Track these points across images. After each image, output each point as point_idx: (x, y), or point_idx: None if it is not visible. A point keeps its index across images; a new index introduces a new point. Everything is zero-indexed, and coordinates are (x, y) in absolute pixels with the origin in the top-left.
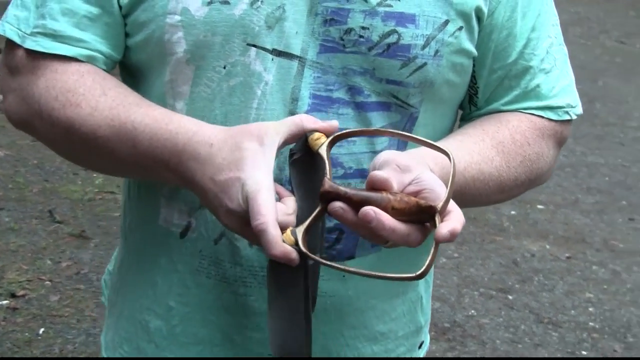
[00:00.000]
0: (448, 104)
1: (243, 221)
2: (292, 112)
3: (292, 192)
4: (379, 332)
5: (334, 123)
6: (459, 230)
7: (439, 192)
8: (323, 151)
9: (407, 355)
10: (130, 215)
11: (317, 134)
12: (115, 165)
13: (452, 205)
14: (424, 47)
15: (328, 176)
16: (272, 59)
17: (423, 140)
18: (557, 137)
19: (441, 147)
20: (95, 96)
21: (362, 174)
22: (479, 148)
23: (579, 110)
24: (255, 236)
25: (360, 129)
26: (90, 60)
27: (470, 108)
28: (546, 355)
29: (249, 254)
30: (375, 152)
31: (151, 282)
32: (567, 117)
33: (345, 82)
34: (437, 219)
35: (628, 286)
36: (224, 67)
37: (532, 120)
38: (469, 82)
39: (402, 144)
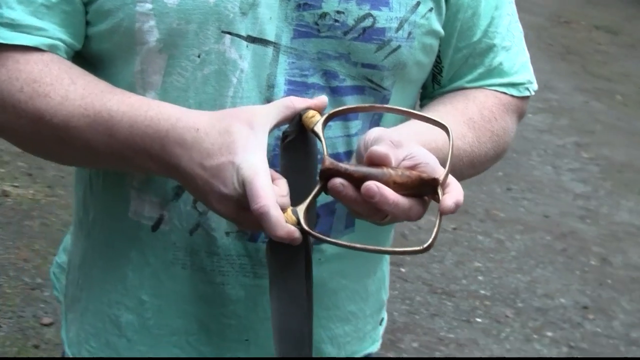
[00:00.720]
0: (415, 84)
1: (238, 206)
2: (268, 100)
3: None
4: (350, 312)
5: (323, 98)
6: (462, 201)
7: (434, 165)
8: (319, 129)
9: (372, 333)
10: (94, 209)
11: (311, 112)
12: (87, 156)
13: (450, 177)
14: (397, 29)
15: (325, 153)
16: (247, 46)
17: (420, 115)
18: (519, 112)
19: (435, 118)
20: (64, 85)
21: (336, 158)
22: (452, 125)
23: (536, 86)
24: (256, 219)
25: (355, 105)
26: (52, 49)
27: (433, 87)
28: (442, 324)
29: (226, 243)
30: (349, 136)
31: (121, 277)
32: (527, 93)
33: (320, 67)
34: (439, 191)
35: (512, 254)
36: (199, 56)
37: (497, 96)
38: (434, 61)
39: (374, 125)
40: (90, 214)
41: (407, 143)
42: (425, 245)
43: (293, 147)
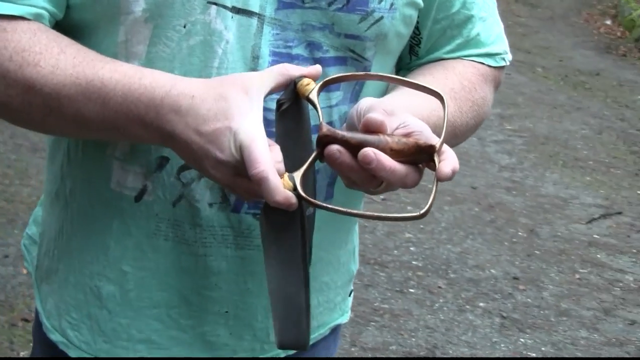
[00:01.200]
0: (394, 55)
1: (235, 172)
2: (253, 71)
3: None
4: (324, 282)
5: (318, 67)
6: (458, 167)
7: (427, 134)
8: (314, 96)
9: (342, 304)
10: (72, 180)
11: (306, 80)
12: (77, 126)
13: (444, 145)
14: (380, 1)
15: (322, 120)
16: (232, 17)
17: (413, 83)
18: (496, 82)
19: (429, 86)
20: (53, 54)
21: (316, 129)
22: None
23: (510, 56)
24: (251, 186)
25: (349, 73)
26: (37, 18)
27: (410, 58)
28: (377, 295)
29: (209, 215)
30: (330, 107)
31: (103, 248)
32: (503, 63)
33: (304, 38)
34: (436, 158)
35: (443, 225)
36: (184, 26)
37: (476, 66)
38: (412, 33)
39: (355, 98)
40: (67, 185)
41: (400, 112)
42: (422, 211)
43: (287, 115)
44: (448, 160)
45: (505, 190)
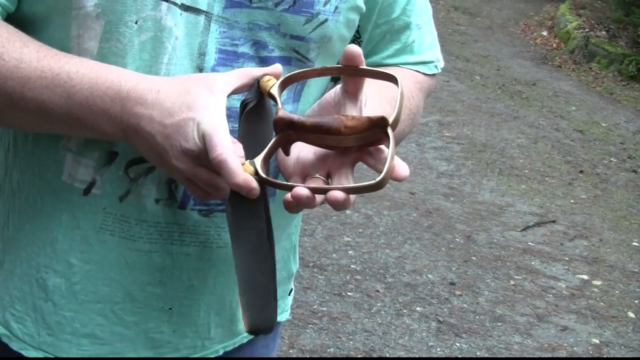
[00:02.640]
0: (336, 57)
1: (197, 161)
2: (199, 67)
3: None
4: None
5: (278, 66)
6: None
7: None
8: (275, 90)
9: (280, 302)
10: (20, 172)
11: (267, 77)
12: (39, 119)
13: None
14: (325, 3)
15: (279, 107)
16: (181, 14)
17: (370, 70)
18: (428, 90)
19: (385, 71)
20: (16, 48)
21: None
22: (377, 105)
23: (443, 63)
24: (211, 176)
25: (308, 69)
26: None
27: None
28: (315, 297)
29: (155, 211)
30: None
31: (50, 240)
32: (435, 71)
33: (250, 37)
34: (389, 131)
35: (381, 229)
36: (136, 22)
37: (413, 74)
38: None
39: (297, 97)
40: (14, 177)
41: (359, 97)
42: (377, 180)
43: (252, 115)
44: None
45: (443, 197)
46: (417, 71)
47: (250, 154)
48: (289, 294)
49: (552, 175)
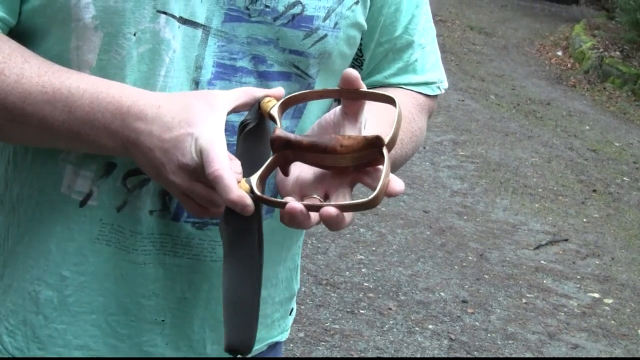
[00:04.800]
0: (337, 75)
1: (193, 176)
2: (195, 80)
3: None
4: (261, 296)
5: (280, 89)
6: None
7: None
8: (275, 111)
9: (280, 321)
10: (20, 186)
11: (268, 98)
12: (40, 134)
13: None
14: (325, 19)
15: (277, 127)
16: (179, 27)
17: (369, 92)
18: (430, 111)
19: (384, 93)
20: (17, 63)
21: None
22: (378, 127)
23: (446, 84)
24: (207, 191)
25: (308, 90)
26: None
27: None
28: (328, 315)
29: (151, 222)
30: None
31: (44, 251)
32: (438, 92)
33: (249, 52)
34: (384, 150)
35: (394, 247)
36: (134, 34)
37: (414, 96)
38: (355, 54)
39: (298, 114)
40: (14, 191)
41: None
42: (370, 197)
43: (251, 136)
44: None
45: (456, 215)
46: (419, 92)
47: (247, 174)
48: (290, 314)
49: (565, 194)
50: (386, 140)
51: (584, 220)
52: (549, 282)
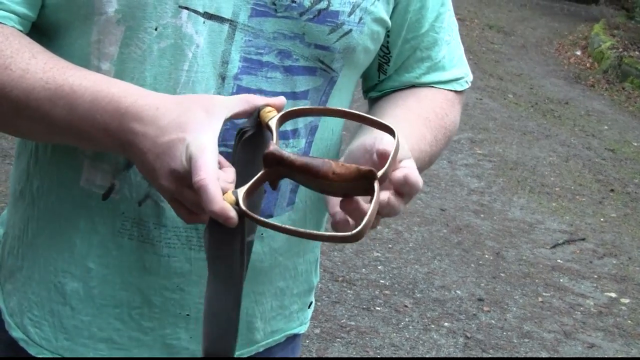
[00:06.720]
0: (360, 70)
1: (183, 183)
2: (222, 75)
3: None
4: (279, 287)
5: (282, 99)
6: (417, 181)
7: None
8: (273, 123)
9: (299, 314)
10: (40, 179)
11: (268, 108)
12: (44, 129)
13: (412, 161)
14: (350, 14)
15: (273, 141)
16: (204, 22)
17: (371, 118)
18: (461, 104)
19: (385, 123)
20: (24, 59)
21: (283, 135)
22: (412, 128)
23: (471, 77)
24: (195, 198)
25: (311, 107)
26: (5, 21)
27: (379, 76)
28: (344, 311)
29: (174, 215)
30: (295, 130)
31: (68, 244)
32: (466, 86)
33: (275, 46)
34: (376, 185)
35: (410, 245)
36: (156, 29)
37: (444, 92)
38: (379, 50)
39: (317, 120)
40: (34, 184)
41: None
42: (355, 232)
43: (248, 144)
44: (407, 169)
45: (473, 213)
46: (449, 89)
47: (241, 182)
48: (309, 307)
49: (583, 193)
50: (379, 174)
51: (601, 219)
52: (565, 281)
